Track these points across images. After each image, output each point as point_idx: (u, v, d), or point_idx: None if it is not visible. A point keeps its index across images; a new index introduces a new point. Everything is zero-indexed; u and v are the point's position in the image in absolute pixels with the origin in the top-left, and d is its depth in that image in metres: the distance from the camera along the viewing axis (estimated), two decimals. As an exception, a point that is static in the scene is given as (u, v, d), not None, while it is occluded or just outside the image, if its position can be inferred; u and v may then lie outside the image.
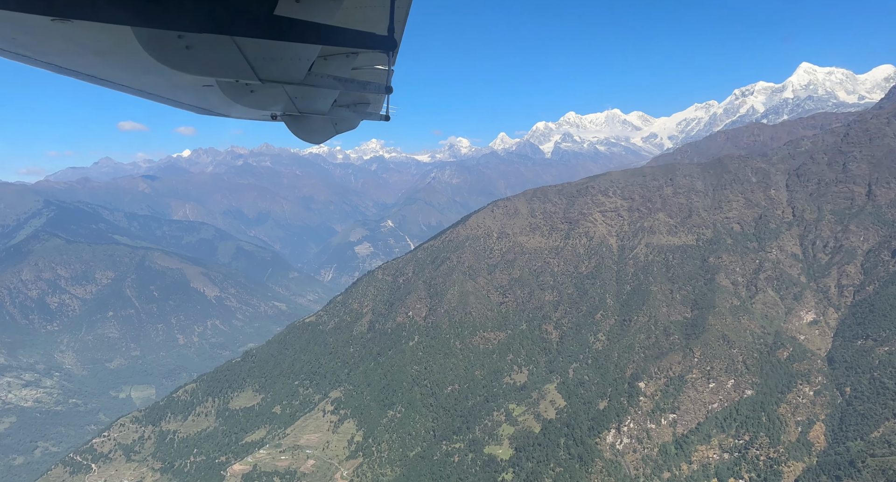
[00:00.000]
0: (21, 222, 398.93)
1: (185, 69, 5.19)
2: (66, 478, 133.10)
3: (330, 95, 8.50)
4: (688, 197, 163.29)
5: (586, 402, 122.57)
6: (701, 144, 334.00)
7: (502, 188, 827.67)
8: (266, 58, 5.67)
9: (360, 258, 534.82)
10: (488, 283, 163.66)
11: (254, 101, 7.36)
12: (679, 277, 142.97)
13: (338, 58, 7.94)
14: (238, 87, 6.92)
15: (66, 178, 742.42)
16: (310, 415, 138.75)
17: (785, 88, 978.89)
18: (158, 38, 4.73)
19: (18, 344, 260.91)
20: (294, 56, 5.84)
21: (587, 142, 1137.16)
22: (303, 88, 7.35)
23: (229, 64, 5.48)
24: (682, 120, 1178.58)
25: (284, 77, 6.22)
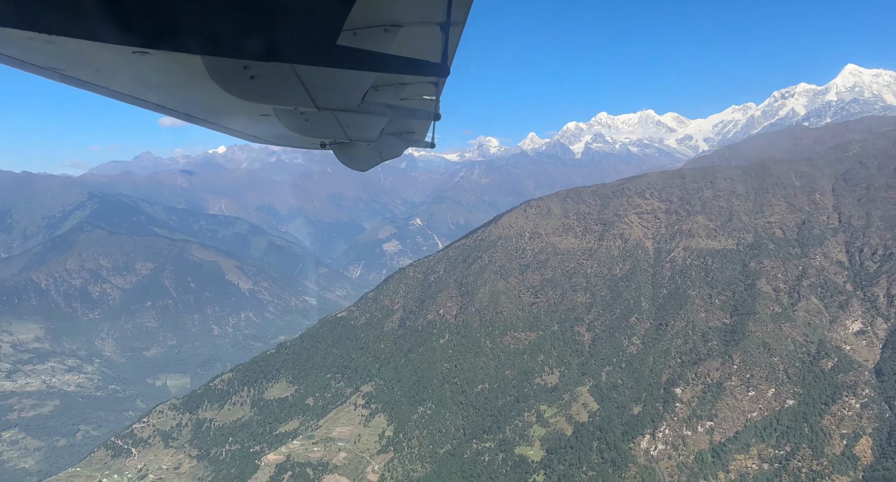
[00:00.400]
0: (66, 213, 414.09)
1: (249, 97, 5.41)
2: (108, 460, 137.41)
3: (379, 123, 8.67)
4: (728, 200, 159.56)
5: (620, 406, 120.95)
6: (740, 147, 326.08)
7: (531, 188, 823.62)
8: (324, 86, 5.84)
9: (388, 255, 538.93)
10: (520, 283, 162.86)
11: (307, 129, 7.60)
12: (718, 282, 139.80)
13: (389, 88, 8.18)
14: (294, 115, 7.17)
15: (109, 171, 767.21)
16: (341, 409, 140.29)
17: (828, 91, 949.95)
18: (226, 68, 4.93)
19: (62, 331, 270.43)
20: (350, 84, 6.03)
21: (619, 143, 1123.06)
22: (355, 116, 7.55)
23: (290, 92, 5.66)
24: (718, 122, 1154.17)
25: (339, 105, 6.49)
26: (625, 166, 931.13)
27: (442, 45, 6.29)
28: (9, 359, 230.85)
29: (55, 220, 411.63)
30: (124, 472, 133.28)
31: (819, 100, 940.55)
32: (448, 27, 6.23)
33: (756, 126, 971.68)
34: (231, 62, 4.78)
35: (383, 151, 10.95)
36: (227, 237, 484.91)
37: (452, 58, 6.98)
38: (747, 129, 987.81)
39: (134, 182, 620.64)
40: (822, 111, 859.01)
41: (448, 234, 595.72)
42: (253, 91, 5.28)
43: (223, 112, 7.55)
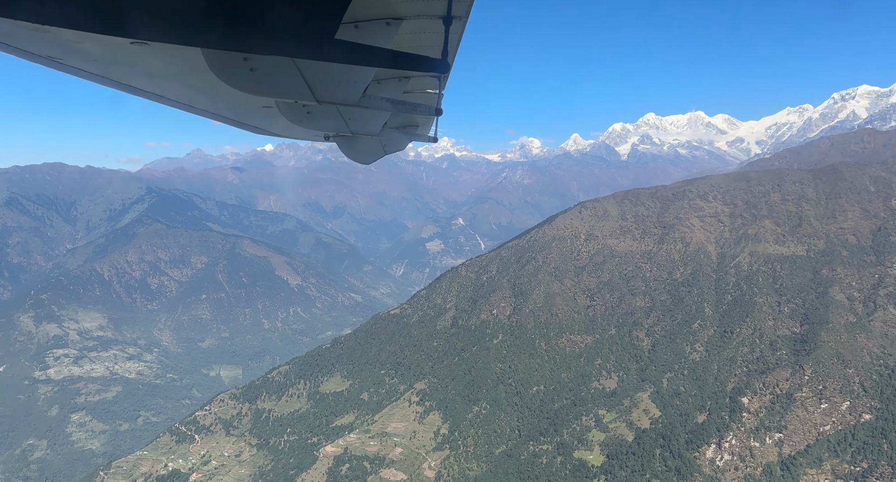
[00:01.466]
0: (126, 207, 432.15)
1: (249, 90, 5.40)
2: (173, 445, 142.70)
3: (382, 117, 8.69)
4: (797, 204, 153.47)
5: (683, 414, 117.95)
6: (802, 150, 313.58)
7: (575, 190, 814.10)
8: (324, 80, 5.88)
9: (430, 255, 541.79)
10: (575, 285, 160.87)
11: (310, 122, 7.62)
12: (787, 289, 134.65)
13: (391, 81, 8.20)
14: (296, 108, 7.17)
15: (162, 167, 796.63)
16: (396, 405, 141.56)
17: (892, 93, 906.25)
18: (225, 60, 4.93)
19: (123, 320, 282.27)
20: (350, 79, 6.06)
21: (667, 144, 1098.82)
22: (357, 110, 7.53)
23: (290, 85, 5.68)
24: (772, 124, 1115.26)
25: (340, 99, 6.45)
26: (673, 168, 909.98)
27: (444, 39, 6.31)
28: (76, 345, 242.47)
29: (116, 212, 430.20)
30: (188, 457, 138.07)
31: (883, 102, 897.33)
32: (450, 21, 6.26)
33: (814, 129, 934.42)
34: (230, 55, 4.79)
35: (386, 145, 11.22)
36: (276, 233, 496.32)
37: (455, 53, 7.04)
38: (804, 131, 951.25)
39: (187, 178, 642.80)
40: (886, 114, 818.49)
41: (490, 235, 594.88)
42: (253, 83, 5.33)
43: (224, 104, 7.63)
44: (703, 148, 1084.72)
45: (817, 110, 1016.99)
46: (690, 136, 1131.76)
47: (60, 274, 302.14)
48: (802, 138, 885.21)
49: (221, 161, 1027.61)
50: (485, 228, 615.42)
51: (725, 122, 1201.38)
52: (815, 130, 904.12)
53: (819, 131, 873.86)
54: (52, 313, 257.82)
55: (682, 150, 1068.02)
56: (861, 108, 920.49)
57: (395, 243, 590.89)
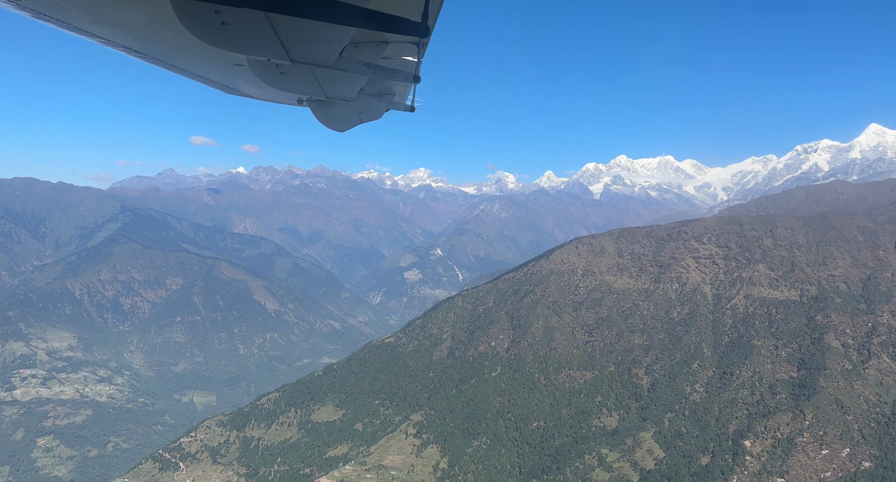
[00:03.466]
0: (99, 225, 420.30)
1: (220, 45, 5.28)
2: (156, 473, 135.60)
3: (358, 81, 8.53)
4: (789, 250, 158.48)
5: (686, 456, 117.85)
6: (779, 198, 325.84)
7: (550, 226, 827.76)
8: (299, 38, 5.73)
9: (409, 284, 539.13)
10: (573, 320, 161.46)
11: (282, 83, 7.48)
12: (783, 333, 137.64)
13: (368, 45, 8.02)
14: (268, 67, 7.01)
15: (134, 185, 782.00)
16: (392, 436, 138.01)
17: (852, 148, 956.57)
18: (195, 12, 4.80)
19: (93, 341, 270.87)
20: (326, 38, 5.92)
21: (638, 186, 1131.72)
22: (332, 72, 7.45)
23: (263, 42, 5.55)
24: (738, 172, 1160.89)
25: (315, 59, 6.33)
26: (644, 210, 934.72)
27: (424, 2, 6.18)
28: (44, 365, 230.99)
29: (88, 230, 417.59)
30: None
31: (843, 156, 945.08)
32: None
33: (778, 178, 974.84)
34: (200, 5, 4.67)
35: (362, 112, 11.03)
36: (253, 256, 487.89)
37: (435, 19, 6.97)
38: (769, 180, 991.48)
39: (161, 198, 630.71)
40: (848, 168, 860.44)
41: (468, 266, 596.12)
42: (224, 38, 5.19)
43: (194, 59, 7.35)
44: (673, 191, 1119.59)
45: (781, 161, 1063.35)
46: (660, 179, 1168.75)
47: (29, 290, 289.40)
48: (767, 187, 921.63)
49: (195, 182, 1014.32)
50: (463, 260, 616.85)
51: (693, 168, 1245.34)
52: (780, 180, 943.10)
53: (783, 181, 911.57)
54: (20, 331, 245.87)
55: (653, 193, 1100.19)
56: (823, 161, 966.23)
57: (373, 271, 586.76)
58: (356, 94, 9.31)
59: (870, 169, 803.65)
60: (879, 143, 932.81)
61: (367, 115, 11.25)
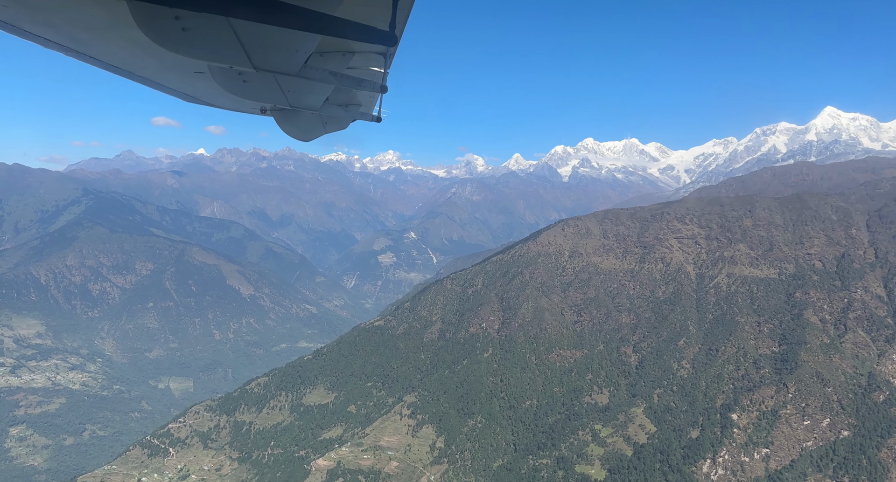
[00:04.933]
0: (61, 208, 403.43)
1: (180, 51, 5.11)
2: (145, 459, 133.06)
3: (323, 91, 8.37)
4: (768, 230, 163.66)
5: (676, 429, 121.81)
6: (746, 179, 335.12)
7: (521, 208, 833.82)
8: (263, 45, 5.60)
9: (383, 267, 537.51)
10: (562, 301, 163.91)
11: (245, 91, 7.29)
12: (765, 310, 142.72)
13: (334, 55, 7.90)
14: (231, 74, 6.81)
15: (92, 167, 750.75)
16: (387, 418, 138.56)
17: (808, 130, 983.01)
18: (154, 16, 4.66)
19: (62, 328, 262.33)
20: (291, 45, 5.80)
21: (605, 168, 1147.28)
22: (296, 81, 7.24)
23: (224, 48, 5.40)
24: (699, 154, 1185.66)
25: (279, 67, 6.18)
26: (611, 192, 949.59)
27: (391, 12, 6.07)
28: (12, 354, 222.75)
29: (48, 214, 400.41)
30: (164, 472, 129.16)
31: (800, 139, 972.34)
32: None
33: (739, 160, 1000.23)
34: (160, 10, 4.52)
35: (328, 122, 10.85)
36: (223, 241, 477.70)
37: (403, 28, 6.83)
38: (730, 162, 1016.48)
39: (124, 180, 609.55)
40: (805, 150, 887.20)
41: (442, 249, 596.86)
42: (184, 44, 5.02)
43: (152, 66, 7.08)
44: (638, 173, 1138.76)
45: (741, 143, 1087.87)
46: (626, 162, 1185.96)
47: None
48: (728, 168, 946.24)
49: (156, 164, 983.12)
50: (436, 243, 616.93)
51: (657, 150, 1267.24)
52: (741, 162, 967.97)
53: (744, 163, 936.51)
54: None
55: (619, 175, 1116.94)
56: (781, 142, 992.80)
57: (346, 255, 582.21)
58: (321, 104, 9.03)
59: (827, 150, 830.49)
60: (834, 125, 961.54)
61: (333, 124, 10.97)
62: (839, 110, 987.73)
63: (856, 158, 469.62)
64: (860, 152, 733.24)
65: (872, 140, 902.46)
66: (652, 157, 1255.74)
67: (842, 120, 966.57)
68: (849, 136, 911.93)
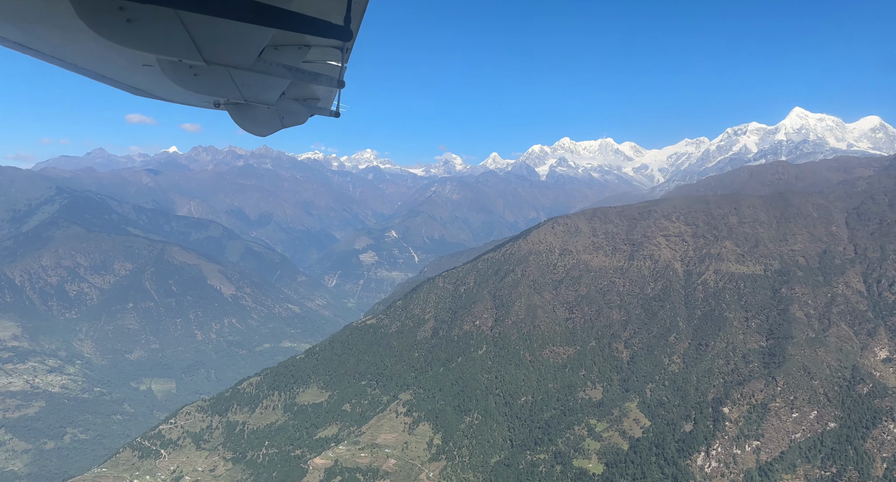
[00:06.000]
0: (33, 207, 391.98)
1: (125, 43, 4.94)
2: (136, 461, 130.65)
3: (279, 85, 8.20)
4: (753, 227, 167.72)
5: (670, 423, 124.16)
6: (724, 178, 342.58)
7: (500, 207, 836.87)
8: (213, 38, 5.44)
9: (365, 266, 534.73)
10: (554, 298, 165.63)
11: (197, 85, 7.07)
12: (752, 306, 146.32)
13: (289, 48, 7.76)
14: (181, 68, 6.60)
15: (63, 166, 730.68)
16: (383, 416, 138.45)
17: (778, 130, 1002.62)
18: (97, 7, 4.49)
19: (39, 329, 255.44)
20: (243, 38, 5.68)
21: (581, 167, 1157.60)
22: (250, 75, 7.12)
23: (173, 41, 5.22)
24: (672, 153, 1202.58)
25: (231, 60, 6.06)
26: (588, 190, 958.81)
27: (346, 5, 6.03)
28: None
29: (21, 213, 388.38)
30: (156, 473, 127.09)
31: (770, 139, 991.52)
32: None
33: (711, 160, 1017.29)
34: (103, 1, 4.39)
35: (285, 117, 10.57)
36: (201, 240, 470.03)
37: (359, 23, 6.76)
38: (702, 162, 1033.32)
39: (98, 178, 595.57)
40: (776, 149, 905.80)
41: (423, 248, 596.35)
42: (130, 36, 4.85)
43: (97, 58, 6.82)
44: (613, 172, 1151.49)
45: (713, 143, 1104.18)
46: (602, 161, 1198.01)
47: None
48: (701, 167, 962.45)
49: (128, 162, 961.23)
50: (418, 241, 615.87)
51: (632, 150, 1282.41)
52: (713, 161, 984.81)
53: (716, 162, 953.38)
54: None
55: (595, 174, 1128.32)
56: (752, 142, 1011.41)
57: (326, 254, 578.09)
58: (277, 98, 8.82)
59: (797, 150, 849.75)
60: (803, 125, 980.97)
61: (290, 119, 10.68)
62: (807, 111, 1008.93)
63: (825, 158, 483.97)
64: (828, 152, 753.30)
65: (838, 140, 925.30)
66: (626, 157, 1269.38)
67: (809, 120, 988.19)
68: (816, 136, 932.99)
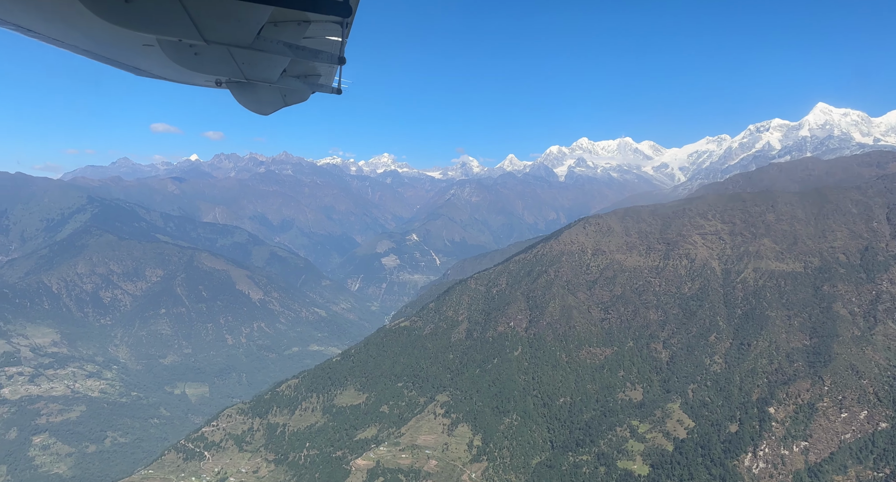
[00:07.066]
0: (66, 217, 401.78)
1: (125, 24, 4.89)
2: (181, 463, 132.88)
3: (279, 63, 8.15)
4: (791, 224, 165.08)
5: (714, 424, 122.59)
6: (752, 175, 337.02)
7: (520, 209, 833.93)
8: (212, 16, 5.37)
9: (387, 270, 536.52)
10: (588, 299, 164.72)
11: (198, 64, 7.06)
12: (794, 304, 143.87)
13: (289, 25, 7.64)
14: (181, 47, 6.56)
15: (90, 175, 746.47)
16: (421, 417, 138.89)
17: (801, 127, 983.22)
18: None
19: (76, 335, 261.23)
20: (242, 16, 5.58)
21: (600, 167, 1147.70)
22: (251, 53, 7.07)
23: (172, 21, 5.16)
24: (693, 152, 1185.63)
25: (231, 39, 5.97)
26: (608, 190, 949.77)
27: None
28: (30, 362, 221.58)
29: (54, 222, 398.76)
30: (201, 475, 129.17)
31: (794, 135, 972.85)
32: None
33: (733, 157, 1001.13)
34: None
35: (287, 95, 10.57)
36: (227, 246, 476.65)
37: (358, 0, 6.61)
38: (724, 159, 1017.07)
39: (125, 187, 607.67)
40: (800, 146, 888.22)
41: (444, 251, 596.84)
42: (129, 17, 4.80)
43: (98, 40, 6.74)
44: (633, 172, 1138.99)
45: (735, 140, 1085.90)
46: (621, 161, 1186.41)
47: (3, 287, 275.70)
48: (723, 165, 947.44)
49: (153, 170, 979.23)
50: (439, 244, 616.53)
51: (651, 149, 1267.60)
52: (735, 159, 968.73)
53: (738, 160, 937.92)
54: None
55: (615, 174, 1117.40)
56: (775, 139, 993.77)
57: (348, 258, 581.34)
58: (278, 76, 8.82)
59: (822, 146, 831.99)
60: (826, 120, 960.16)
61: (292, 97, 10.68)
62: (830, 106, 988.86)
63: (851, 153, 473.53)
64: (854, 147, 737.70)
65: (864, 135, 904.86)
66: (646, 156, 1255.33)
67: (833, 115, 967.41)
68: (841, 132, 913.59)
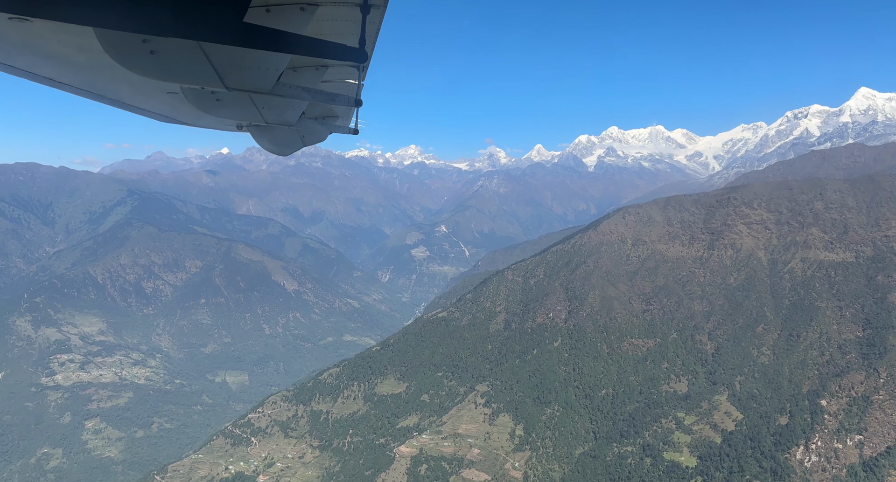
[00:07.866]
0: (108, 209, 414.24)
1: (149, 74, 5.02)
2: (229, 448, 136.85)
3: (298, 107, 8.37)
4: (840, 213, 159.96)
5: (764, 416, 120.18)
6: (795, 163, 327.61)
7: (549, 200, 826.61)
8: (233, 65, 5.57)
9: (416, 261, 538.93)
10: (629, 290, 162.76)
11: (220, 110, 7.27)
12: (845, 295, 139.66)
13: (307, 70, 7.89)
14: (203, 94, 6.77)
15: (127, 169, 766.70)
16: (462, 406, 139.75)
17: (842, 113, 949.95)
18: (121, 41, 4.56)
19: (121, 325, 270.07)
20: (262, 65, 5.77)
21: (631, 157, 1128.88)
22: (270, 98, 7.26)
23: (195, 70, 5.34)
24: (728, 140, 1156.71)
25: (252, 86, 6.13)
26: (639, 180, 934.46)
27: (361, 28, 6.05)
28: (80, 350, 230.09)
29: (96, 215, 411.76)
30: (249, 460, 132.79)
31: (833, 121, 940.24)
32: (367, 9, 5.99)
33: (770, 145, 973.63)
34: (127, 35, 4.43)
35: (305, 136, 10.77)
36: (262, 238, 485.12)
37: (374, 43, 6.76)
38: (760, 147, 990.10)
39: (162, 180, 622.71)
40: (841, 132, 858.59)
41: (473, 242, 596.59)
42: (154, 68, 4.95)
43: (123, 89, 7.04)
44: (665, 161, 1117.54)
45: (772, 127, 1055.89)
46: (652, 150, 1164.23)
47: (52, 277, 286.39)
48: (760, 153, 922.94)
49: (186, 164, 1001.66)
50: (468, 236, 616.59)
51: (684, 137, 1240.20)
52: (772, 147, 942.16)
53: (775, 148, 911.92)
54: (49, 317, 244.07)
55: (646, 163, 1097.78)
56: (814, 126, 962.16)
57: (378, 250, 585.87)
58: (297, 119, 8.97)
59: (865, 132, 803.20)
60: (869, 106, 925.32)
61: (310, 138, 10.93)
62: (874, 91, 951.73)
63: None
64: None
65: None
66: (678, 144, 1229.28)
67: (877, 100, 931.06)
68: (885, 117, 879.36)
